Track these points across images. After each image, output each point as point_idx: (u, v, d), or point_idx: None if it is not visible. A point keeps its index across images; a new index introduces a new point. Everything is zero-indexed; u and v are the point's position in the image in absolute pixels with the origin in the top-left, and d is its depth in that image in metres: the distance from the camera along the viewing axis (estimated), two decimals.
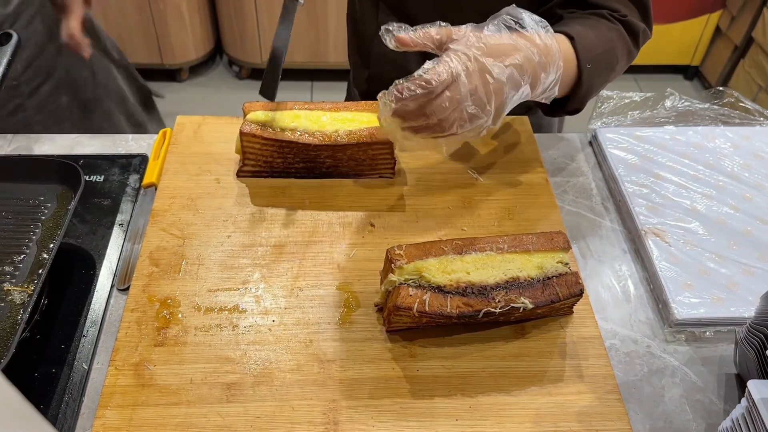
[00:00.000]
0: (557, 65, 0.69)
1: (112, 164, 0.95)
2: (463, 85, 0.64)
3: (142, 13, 2.47)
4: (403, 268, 0.69)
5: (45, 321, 0.75)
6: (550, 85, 0.71)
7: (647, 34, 0.85)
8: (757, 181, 0.94)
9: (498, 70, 0.64)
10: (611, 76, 0.83)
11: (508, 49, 0.65)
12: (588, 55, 0.76)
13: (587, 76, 0.77)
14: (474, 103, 0.65)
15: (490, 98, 0.65)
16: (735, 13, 2.58)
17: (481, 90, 0.65)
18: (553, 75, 0.69)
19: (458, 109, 0.65)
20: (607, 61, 0.80)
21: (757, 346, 0.67)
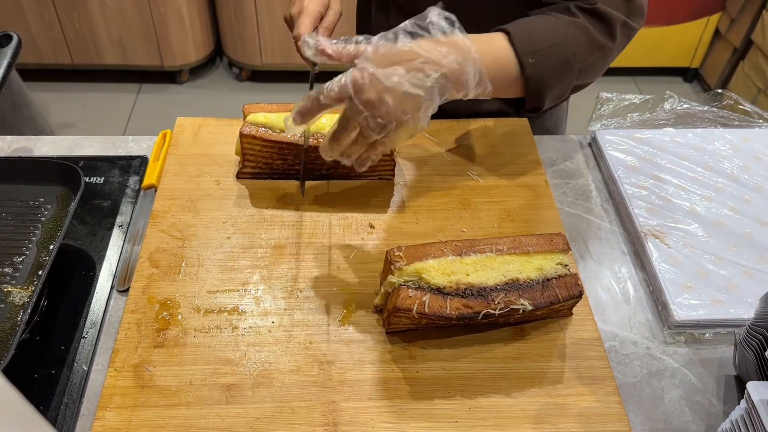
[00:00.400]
0: (472, 59, 0.69)
1: (112, 166, 0.95)
2: (357, 99, 0.66)
3: (142, 15, 2.47)
4: (402, 270, 0.69)
5: (45, 322, 0.75)
6: (474, 81, 0.70)
7: (628, 24, 0.80)
8: (757, 183, 0.94)
9: (396, 78, 0.66)
10: (571, 71, 0.79)
11: (407, 56, 0.67)
12: (528, 49, 0.75)
13: (531, 71, 0.76)
14: (377, 115, 0.67)
15: (394, 106, 0.66)
16: (734, 16, 2.58)
17: (378, 100, 0.66)
18: (471, 68, 0.69)
19: (363, 119, 0.67)
20: (558, 54, 0.77)
21: (757, 348, 0.67)
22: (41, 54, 2.56)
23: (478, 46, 0.71)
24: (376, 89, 0.66)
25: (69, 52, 2.56)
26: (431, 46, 0.68)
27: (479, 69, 0.70)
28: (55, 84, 2.70)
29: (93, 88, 2.71)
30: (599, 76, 0.86)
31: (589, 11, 0.79)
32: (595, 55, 0.80)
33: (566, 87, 0.81)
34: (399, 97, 0.66)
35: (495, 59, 0.75)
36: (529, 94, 0.79)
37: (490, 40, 0.76)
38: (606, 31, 0.79)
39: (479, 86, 0.71)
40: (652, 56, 2.79)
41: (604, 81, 3.01)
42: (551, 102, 0.83)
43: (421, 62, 0.67)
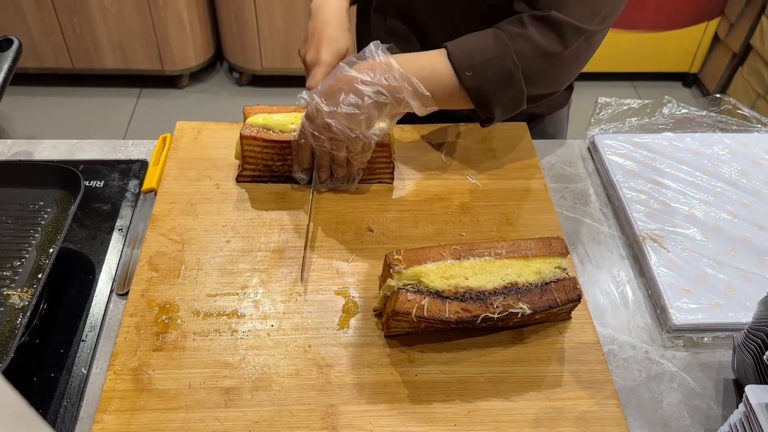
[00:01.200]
0: (399, 74, 0.77)
1: (112, 169, 0.96)
2: (312, 128, 0.80)
3: (142, 20, 2.47)
4: (401, 273, 0.69)
5: (44, 325, 0.75)
6: (410, 93, 0.78)
7: (580, 28, 0.79)
8: (755, 188, 0.95)
9: (332, 107, 0.77)
10: (514, 82, 0.80)
11: (344, 81, 0.78)
12: (465, 63, 0.80)
13: (470, 83, 0.80)
14: (330, 136, 0.80)
15: (340, 126, 0.78)
16: (733, 21, 2.59)
17: (326, 126, 0.79)
18: (402, 82, 0.77)
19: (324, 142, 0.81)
20: (496, 66, 0.79)
21: (755, 352, 0.67)
22: (42, 58, 2.57)
23: (413, 63, 0.80)
24: (321, 116, 0.78)
25: (69, 56, 2.57)
26: (362, 69, 0.78)
27: (410, 81, 0.77)
28: (55, 88, 2.70)
29: (93, 93, 2.71)
30: (563, 84, 0.86)
31: (541, 19, 0.79)
32: (543, 64, 0.80)
33: (515, 97, 0.82)
34: (342, 119, 0.78)
35: (432, 73, 0.80)
36: (476, 105, 0.83)
37: (427, 57, 0.82)
38: (556, 39, 0.79)
39: (418, 96, 0.78)
40: (652, 61, 2.80)
41: (603, 86, 3.01)
42: (505, 112, 0.84)
43: (355, 84, 0.77)
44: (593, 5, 0.79)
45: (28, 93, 2.66)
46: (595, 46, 0.84)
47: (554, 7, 0.79)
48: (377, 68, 0.78)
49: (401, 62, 0.79)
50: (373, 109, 0.78)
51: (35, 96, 2.66)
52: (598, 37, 0.83)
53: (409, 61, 0.80)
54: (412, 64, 0.80)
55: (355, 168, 0.86)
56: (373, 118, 0.80)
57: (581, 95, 0.87)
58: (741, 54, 2.60)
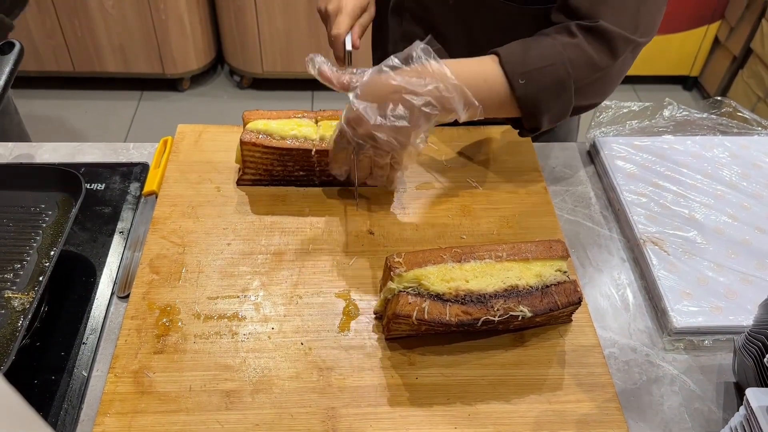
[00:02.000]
0: (452, 84, 0.73)
1: (113, 172, 0.96)
2: (355, 136, 0.76)
3: (143, 23, 2.48)
4: (402, 276, 0.69)
5: (45, 328, 0.75)
6: (461, 103, 0.75)
7: (631, 40, 0.79)
8: (756, 190, 0.95)
9: (380, 119, 0.73)
10: (566, 91, 0.79)
11: (390, 89, 0.73)
12: (518, 70, 0.77)
13: (523, 92, 0.77)
14: (376, 146, 0.76)
15: (387, 138, 0.74)
16: (733, 24, 2.59)
17: (371, 135, 0.74)
18: (453, 92, 0.74)
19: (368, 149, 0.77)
20: (550, 75, 0.77)
21: (756, 355, 0.67)
22: (43, 61, 2.57)
23: (465, 70, 0.76)
24: (365, 127, 0.74)
25: (71, 59, 2.57)
26: (411, 78, 0.73)
27: (462, 92, 0.74)
28: (56, 92, 2.71)
29: (94, 96, 2.71)
30: (606, 95, 0.85)
31: (590, 30, 0.78)
32: (594, 75, 0.79)
33: (564, 108, 0.81)
34: (389, 131, 0.74)
35: (484, 81, 0.77)
36: (524, 114, 0.80)
37: (479, 64, 0.79)
38: (607, 50, 0.78)
39: (468, 108, 0.75)
40: (652, 64, 2.80)
41: None
42: (550, 122, 0.82)
43: (404, 94, 0.73)
44: (634, 17, 0.79)
45: (30, 96, 2.66)
46: (636, 58, 0.84)
47: (601, 17, 0.77)
48: (428, 76, 0.73)
49: (453, 69, 0.75)
50: (422, 120, 0.75)
51: (36, 99, 2.67)
52: (641, 48, 0.82)
53: (460, 68, 0.76)
54: (464, 71, 0.76)
55: (397, 172, 0.84)
56: (422, 127, 0.76)
57: None
58: (741, 57, 2.60)
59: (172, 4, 2.43)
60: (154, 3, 2.42)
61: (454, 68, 0.75)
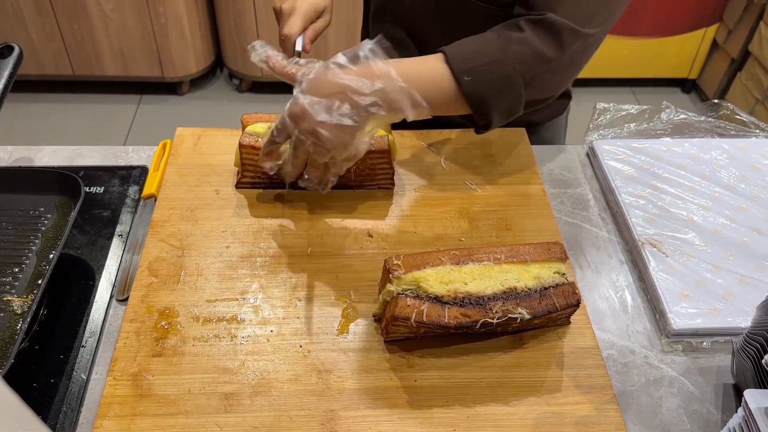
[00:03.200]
0: (398, 85, 0.73)
1: (112, 175, 0.96)
2: (298, 130, 0.74)
3: (143, 27, 2.48)
4: (401, 279, 0.69)
5: (44, 331, 0.75)
6: (407, 103, 0.74)
7: (578, 31, 0.78)
8: (753, 192, 0.95)
9: (325, 114, 0.72)
10: (513, 86, 0.78)
11: (336, 88, 0.73)
12: (464, 68, 0.77)
13: (469, 89, 0.78)
14: (317, 143, 0.74)
15: (330, 136, 0.73)
16: (732, 27, 2.60)
17: (314, 132, 0.73)
18: (399, 92, 0.74)
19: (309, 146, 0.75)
20: (496, 71, 0.77)
21: (754, 356, 0.67)
22: (42, 65, 2.58)
23: (411, 70, 0.76)
24: (310, 122, 0.72)
25: (70, 63, 2.58)
26: (358, 78, 0.73)
27: (409, 93, 0.74)
28: (56, 95, 2.71)
29: (94, 100, 2.72)
30: (559, 88, 0.84)
31: (537, 23, 0.78)
32: (541, 68, 0.79)
33: (514, 103, 0.81)
34: (333, 128, 0.73)
35: (430, 80, 0.77)
36: (473, 111, 0.81)
37: (425, 62, 0.79)
38: (553, 42, 0.78)
39: (415, 108, 0.75)
40: (650, 67, 2.81)
41: (602, 92, 3.01)
42: (502, 118, 0.82)
43: (350, 93, 0.72)
44: (590, 8, 0.78)
45: (29, 100, 2.66)
46: (592, 50, 0.83)
47: (551, 10, 0.77)
48: (375, 77, 0.74)
49: (399, 70, 0.75)
50: (367, 120, 0.75)
51: (36, 103, 2.67)
52: (594, 40, 0.81)
53: (406, 68, 0.77)
54: (410, 71, 0.77)
55: (332, 174, 0.81)
56: (366, 128, 0.76)
57: (580, 101, 0.88)
58: (739, 60, 2.61)
59: (171, 7, 2.44)
60: (154, 7, 2.43)
61: (400, 68, 0.75)
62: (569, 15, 0.77)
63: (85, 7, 2.41)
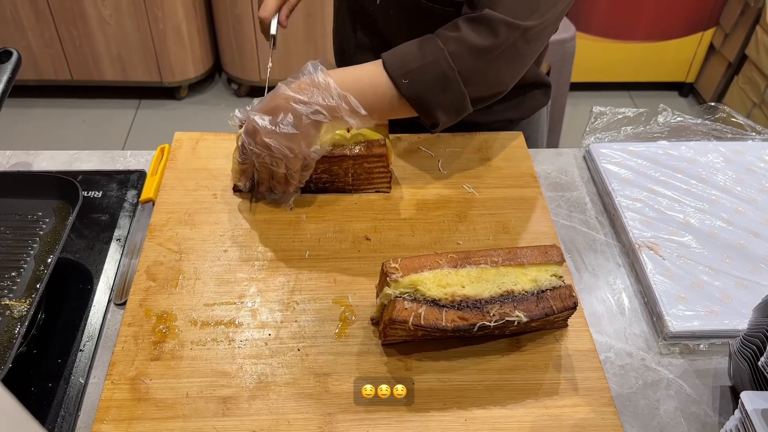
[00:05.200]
0: (336, 93, 0.78)
1: (110, 180, 0.96)
2: (252, 144, 0.81)
3: (141, 32, 2.49)
4: (398, 282, 0.70)
5: (42, 335, 0.75)
6: (346, 110, 0.79)
7: (513, 24, 0.78)
8: (750, 195, 0.95)
9: (270, 126, 0.79)
10: (452, 83, 0.79)
11: (280, 101, 0.79)
12: (400, 72, 0.80)
13: (407, 90, 0.80)
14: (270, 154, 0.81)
15: (279, 145, 0.80)
16: (728, 31, 2.60)
17: (265, 144, 0.80)
18: (337, 99, 0.78)
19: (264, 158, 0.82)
20: (432, 70, 0.79)
21: (750, 358, 0.67)
22: (41, 70, 2.58)
23: (350, 78, 0.81)
24: (260, 135, 0.79)
25: (69, 68, 2.58)
26: (299, 89, 0.79)
27: (346, 100, 0.78)
28: (54, 100, 2.71)
29: (92, 104, 2.72)
30: (505, 83, 0.84)
31: (474, 20, 0.79)
32: (479, 62, 0.79)
33: (457, 100, 0.81)
34: (280, 138, 0.79)
35: (369, 85, 0.81)
36: (418, 111, 0.83)
37: (364, 69, 0.82)
38: (489, 36, 0.78)
39: (354, 114, 0.79)
40: (648, 71, 2.81)
41: (600, 96, 3.02)
42: (450, 116, 0.83)
43: (292, 103, 0.78)
44: (530, 2, 0.79)
45: (28, 105, 2.66)
46: (535, 43, 0.83)
47: (490, 7, 0.78)
48: (314, 87, 0.79)
49: (338, 78, 0.79)
50: (311, 128, 0.79)
51: (35, 108, 2.67)
52: (536, 32, 0.81)
53: (345, 76, 0.81)
54: (349, 78, 0.81)
55: (293, 186, 0.87)
56: (312, 136, 0.81)
57: (577, 105, 0.88)
58: (736, 63, 2.62)
59: (169, 12, 2.44)
60: (152, 12, 2.43)
61: (339, 77, 0.79)
62: (508, 10, 0.78)
63: (84, 12, 2.41)
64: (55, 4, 2.39)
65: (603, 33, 2.61)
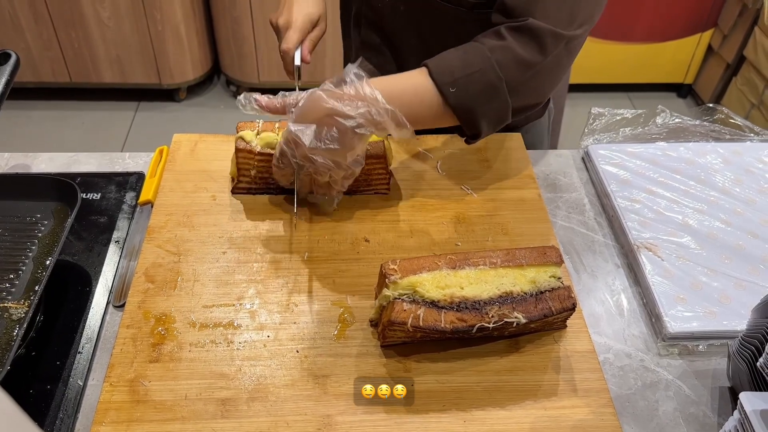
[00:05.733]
0: (382, 106, 0.75)
1: (108, 182, 0.96)
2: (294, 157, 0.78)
3: (140, 34, 2.49)
4: (397, 283, 0.70)
5: (41, 337, 0.75)
6: (392, 122, 0.76)
7: (559, 34, 0.78)
8: (748, 196, 0.95)
9: (314, 141, 0.75)
10: (499, 94, 0.79)
11: (324, 112, 0.75)
12: (447, 80, 0.78)
13: (455, 100, 0.78)
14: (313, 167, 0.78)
15: (322, 160, 0.77)
16: (727, 32, 2.61)
17: (307, 158, 0.77)
18: (382, 112, 0.75)
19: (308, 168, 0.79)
20: (480, 80, 0.78)
21: (749, 359, 0.67)
22: (40, 73, 2.58)
23: (396, 89, 0.78)
24: (302, 149, 0.76)
25: (67, 70, 2.58)
26: (344, 101, 0.75)
27: (393, 115, 0.75)
28: (53, 102, 2.71)
29: (91, 107, 2.72)
30: (545, 93, 0.85)
31: (519, 29, 0.78)
32: (526, 74, 0.79)
33: (501, 110, 0.81)
34: (324, 153, 0.76)
35: (415, 95, 0.79)
36: (462, 121, 0.81)
37: (409, 78, 0.80)
38: (536, 47, 0.78)
39: (400, 127, 0.77)
40: (646, 72, 2.82)
41: (599, 97, 3.02)
42: (491, 126, 0.83)
43: (337, 117, 0.74)
44: (570, 10, 0.79)
45: (26, 107, 2.66)
46: (575, 52, 0.83)
47: (531, 15, 0.77)
48: (359, 99, 0.75)
49: (383, 89, 0.76)
50: (356, 141, 0.77)
51: (33, 110, 2.67)
52: (577, 42, 0.81)
53: (391, 87, 0.78)
54: (395, 90, 0.78)
55: (335, 191, 0.86)
56: (357, 149, 0.78)
57: (576, 106, 0.88)
58: (735, 65, 2.62)
59: (168, 14, 2.44)
60: (151, 14, 2.43)
61: (384, 89, 0.76)
62: (549, 19, 0.77)
63: (82, 14, 2.41)
64: (53, 6, 2.39)
65: (601, 34, 2.61)
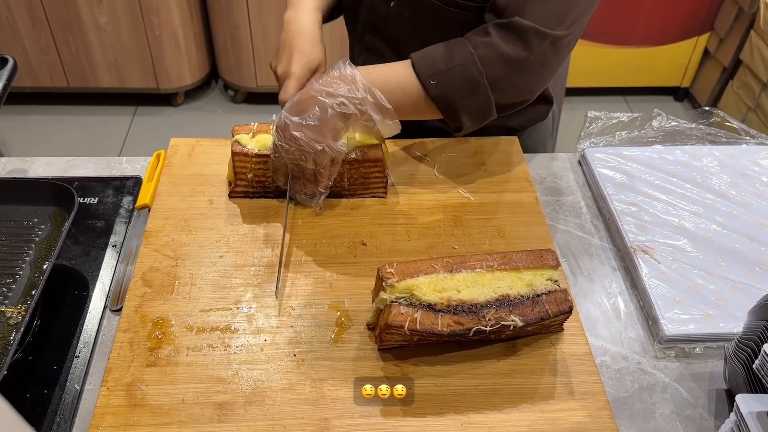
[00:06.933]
0: (362, 85, 0.79)
1: (106, 186, 0.96)
2: (282, 139, 0.82)
3: (138, 39, 2.49)
4: (394, 287, 0.70)
5: (38, 342, 0.75)
6: (372, 104, 0.79)
7: (543, 33, 0.79)
8: (744, 199, 0.95)
9: (297, 118, 0.79)
10: (479, 88, 0.80)
11: (310, 94, 0.80)
12: (428, 72, 0.81)
13: (435, 92, 0.81)
14: (298, 147, 0.81)
15: (307, 138, 0.80)
16: (723, 36, 2.62)
17: (293, 137, 0.80)
18: (364, 92, 0.79)
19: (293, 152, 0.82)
20: (460, 74, 0.80)
21: (746, 361, 0.68)
22: (37, 77, 2.58)
23: (378, 74, 0.82)
24: (290, 128, 0.80)
25: (65, 75, 2.58)
26: (327, 83, 0.80)
27: (372, 93, 0.79)
28: (51, 107, 2.71)
29: (89, 111, 2.72)
30: (531, 92, 0.85)
31: (504, 26, 0.80)
32: (508, 70, 0.80)
33: (483, 105, 0.82)
34: (307, 130, 0.80)
35: (396, 83, 0.82)
36: (443, 113, 0.84)
37: (393, 68, 0.84)
38: (520, 44, 0.79)
39: (379, 109, 0.80)
40: (643, 76, 2.83)
41: (595, 100, 3.03)
42: (474, 120, 0.84)
43: (319, 96, 0.79)
44: (558, 11, 0.79)
45: (24, 112, 2.66)
46: (563, 52, 0.84)
47: (518, 14, 0.79)
48: (341, 80, 0.79)
49: (366, 74, 0.80)
50: (337, 120, 0.80)
51: (31, 115, 2.67)
52: (564, 42, 0.82)
53: (374, 73, 0.82)
54: (377, 75, 0.82)
55: (322, 184, 0.86)
56: (339, 129, 0.81)
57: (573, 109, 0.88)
58: (731, 68, 2.63)
59: (166, 19, 2.45)
60: (149, 18, 2.44)
61: (366, 72, 0.80)
62: (537, 18, 0.79)
63: (80, 19, 2.42)
64: (51, 11, 2.39)
65: (598, 38, 2.62)
